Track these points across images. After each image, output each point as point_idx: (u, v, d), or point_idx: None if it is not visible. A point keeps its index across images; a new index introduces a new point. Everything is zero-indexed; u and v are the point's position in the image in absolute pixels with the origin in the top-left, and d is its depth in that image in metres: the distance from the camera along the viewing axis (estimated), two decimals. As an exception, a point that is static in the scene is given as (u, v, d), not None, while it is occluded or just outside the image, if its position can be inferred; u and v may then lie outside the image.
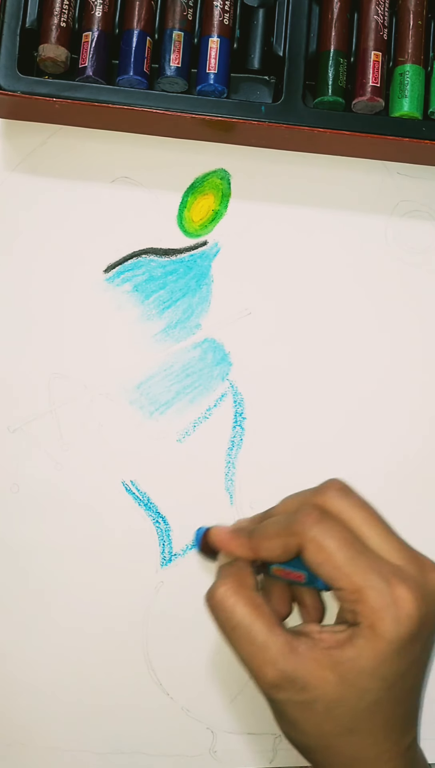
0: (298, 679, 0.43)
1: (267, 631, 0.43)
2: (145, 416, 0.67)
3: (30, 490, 0.66)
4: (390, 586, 0.43)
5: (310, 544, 0.43)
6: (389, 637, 0.42)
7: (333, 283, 0.69)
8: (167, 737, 0.66)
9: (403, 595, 0.42)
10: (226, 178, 0.69)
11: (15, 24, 0.65)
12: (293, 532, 0.44)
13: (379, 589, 0.42)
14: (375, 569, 0.43)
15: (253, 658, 0.44)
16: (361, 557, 0.43)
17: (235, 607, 0.44)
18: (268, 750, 0.67)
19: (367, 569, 0.43)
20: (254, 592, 0.45)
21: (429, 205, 0.70)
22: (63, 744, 0.66)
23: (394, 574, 0.43)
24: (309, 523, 0.44)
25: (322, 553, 0.43)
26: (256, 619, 0.44)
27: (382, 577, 0.43)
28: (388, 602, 0.42)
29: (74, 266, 0.68)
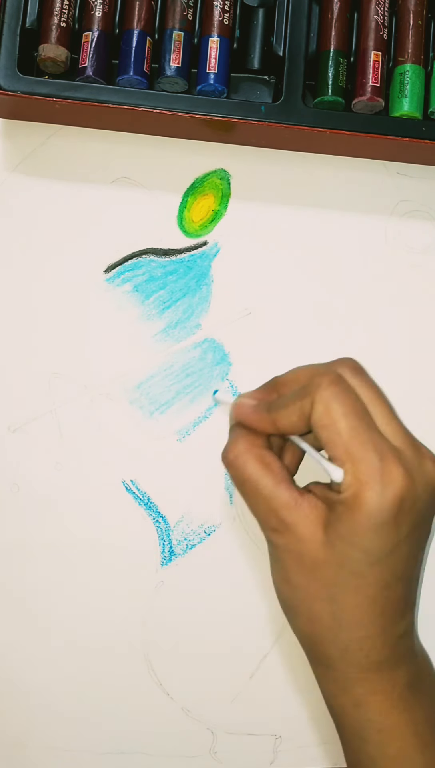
0: (294, 529, 0.45)
1: (274, 486, 0.46)
2: (145, 416, 0.67)
3: (30, 490, 0.66)
4: (383, 462, 0.43)
5: (319, 405, 0.44)
6: (369, 509, 0.43)
7: (333, 283, 0.69)
8: (167, 738, 0.66)
9: (394, 472, 0.43)
10: (226, 179, 0.69)
11: (15, 24, 0.65)
12: (308, 393, 0.45)
13: (371, 463, 0.43)
14: (373, 443, 0.44)
15: (259, 507, 0.46)
16: (363, 429, 0.44)
17: (246, 464, 0.46)
18: (269, 751, 0.67)
19: (365, 441, 0.44)
20: (264, 450, 0.47)
21: (428, 205, 0.70)
22: (63, 744, 0.66)
23: (390, 452, 0.44)
24: (324, 383, 0.44)
25: (328, 415, 0.44)
26: (264, 475, 0.46)
27: (377, 452, 0.44)
28: (376, 476, 0.43)
29: (74, 266, 0.68)
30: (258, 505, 0.46)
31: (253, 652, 0.66)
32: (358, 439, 0.44)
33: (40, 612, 0.66)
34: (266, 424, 0.47)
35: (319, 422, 0.44)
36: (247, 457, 0.46)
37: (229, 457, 0.47)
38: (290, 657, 0.67)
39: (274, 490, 0.45)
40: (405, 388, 0.69)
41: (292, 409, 0.45)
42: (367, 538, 0.43)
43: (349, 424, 0.44)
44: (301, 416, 0.45)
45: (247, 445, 0.47)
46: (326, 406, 0.44)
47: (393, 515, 0.43)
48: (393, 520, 0.43)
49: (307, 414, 0.45)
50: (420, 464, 0.45)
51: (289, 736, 0.67)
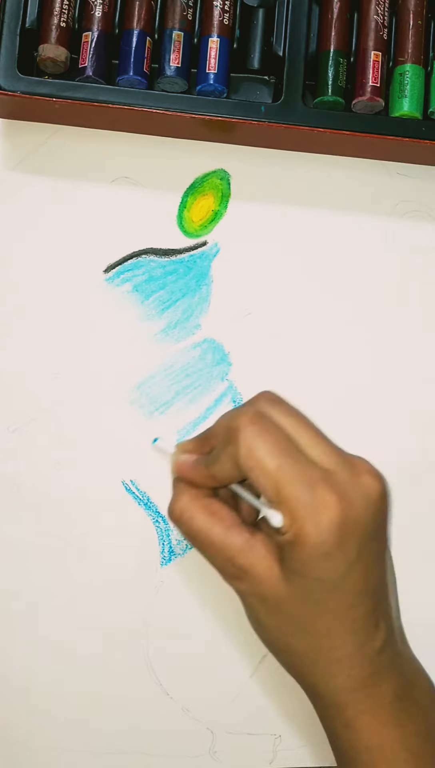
0: (253, 573, 0.45)
1: (224, 533, 0.45)
2: (145, 416, 0.67)
3: (30, 490, 0.66)
4: (314, 493, 0.43)
5: (242, 447, 0.44)
6: (311, 542, 0.43)
7: (332, 283, 0.69)
8: (167, 737, 0.66)
9: (327, 500, 0.43)
10: (225, 179, 0.69)
11: (15, 24, 0.65)
12: (231, 439, 0.44)
13: (302, 497, 0.43)
14: (301, 476, 0.43)
15: (215, 557, 0.46)
16: (289, 464, 0.43)
17: (193, 518, 0.46)
18: (268, 751, 0.67)
19: (293, 477, 0.43)
20: (209, 499, 0.47)
21: (428, 206, 0.70)
22: (63, 744, 0.66)
23: (321, 479, 0.43)
24: (243, 424, 0.44)
25: (251, 456, 0.44)
26: (213, 524, 0.46)
27: (307, 484, 0.43)
28: (309, 510, 0.43)
29: (74, 266, 0.68)
30: (213, 556, 0.46)
31: (252, 651, 0.66)
32: (286, 475, 0.43)
33: (40, 612, 0.66)
34: (206, 478, 0.46)
35: (245, 465, 0.44)
36: (193, 511, 0.46)
37: (175, 513, 0.47)
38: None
39: (226, 537, 0.45)
40: (405, 388, 0.69)
41: (223, 458, 0.45)
42: (317, 569, 0.43)
43: (274, 462, 0.43)
44: (233, 464, 0.44)
45: (190, 498, 0.46)
46: (248, 448, 0.43)
47: (336, 542, 0.43)
48: (338, 546, 0.43)
49: (236, 460, 0.44)
50: (355, 482, 0.44)
51: (289, 736, 0.67)
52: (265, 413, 0.45)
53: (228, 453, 0.44)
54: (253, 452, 0.43)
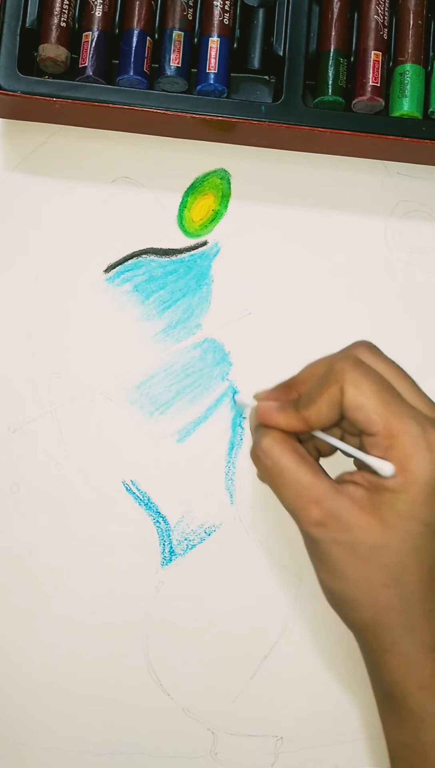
0: (342, 518, 0.44)
1: (312, 475, 0.44)
2: (146, 416, 0.67)
3: (30, 490, 0.66)
4: (425, 431, 0.43)
5: (349, 387, 0.44)
6: (423, 479, 0.43)
7: (332, 283, 0.69)
8: (168, 738, 0.66)
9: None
10: (226, 178, 0.69)
11: (15, 24, 0.65)
12: (334, 381, 0.44)
13: (414, 434, 0.43)
14: (410, 415, 0.43)
15: (298, 498, 0.44)
16: (396, 403, 0.44)
17: (281, 455, 0.45)
18: (270, 753, 0.66)
19: (402, 414, 0.43)
20: (298, 443, 0.46)
21: (428, 206, 0.70)
22: (63, 744, 0.65)
23: (428, 421, 0.44)
24: (348, 367, 0.44)
25: (360, 395, 0.43)
26: (301, 465, 0.45)
27: (416, 422, 0.43)
28: (422, 446, 0.43)
29: (74, 266, 0.68)
30: (297, 497, 0.44)
31: (253, 652, 0.66)
32: (395, 412, 0.43)
33: (40, 612, 0.66)
34: (296, 421, 0.46)
35: (353, 404, 0.44)
36: (282, 448, 0.45)
37: (262, 448, 0.45)
38: (291, 658, 0.66)
39: (314, 479, 0.44)
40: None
41: (322, 400, 0.44)
42: (424, 509, 0.43)
43: (383, 399, 0.43)
44: (332, 405, 0.44)
45: (279, 437, 0.45)
46: (357, 388, 0.43)
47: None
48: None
49: (337, 402, 0.44)
50: None
51: (290, 738, 0.67)
52: (368, 360, 0.45)
53: (329, 395, 0.44)
54: (363, 391, 0.43)
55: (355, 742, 0.67)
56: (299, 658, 0.67)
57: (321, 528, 0.44)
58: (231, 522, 0.67)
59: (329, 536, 0.44)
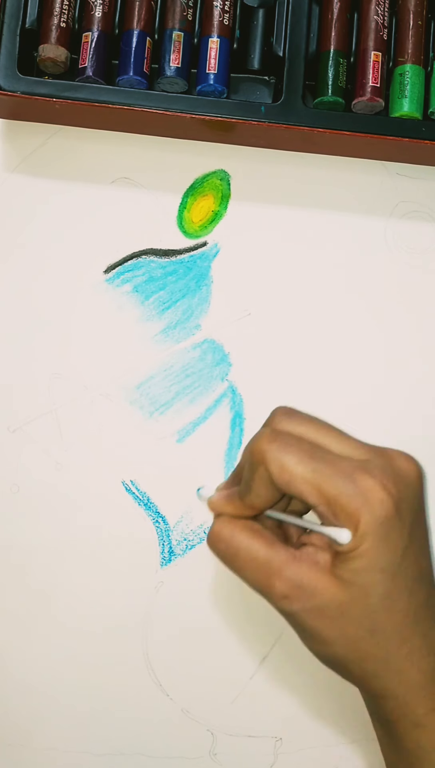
0: (305, 586, 0.44)
1: (267, 548, 0.45)
2: (145, 416, 0.67)
3: (30, 490, 0.66)
4: (356, 483, 0.43)
5: (271, 466, 0.43)
6: (370, 530, 0.42)
7: (332, 283, 0.69)
8: (167, 739, 0.66)
9: (370, 485, 0.43)
10: (225, 179, 0.69)
11: (15, 24, 0.65)
12: (258, 462, 0.44)
13: (347, 492, 0.43)
14: (340, 472, 0.43)
15: (259, 575, 0.45)
16: (322, 464, 0.43)
17: (233, 536, 0.45)
18: (269, 753, 0.66)
19: (332, 475, 0.43)
20: (250, 521, 0.46)
21: (428, 206, 0.70)
22: (62, 745, 0.65)
23: (359, 468, 0.43)
24: (265, 446, 0.44)
25: (284, 471, 0.43)
26: (254, 540, 0.45)
27: (347, 477, 0.43)
28: (359, 501, 0.42)
29: (74, 267, 0.68)
30: (257, 574, 0.45)
31: (253, 652, 0.66)
32: (323, 475, 0.43)
33: (39, 612, 0.66)
34: (244, 509, 0.46)
35: (280, 481, 0.43)
36: (233, 530, 0.45)
37: (214, 535, 0.46)
38: (290, 658, 0.66)
39: (270, 551, 0.44)
40: (406, 388, 0.69)
41: (256, 484, 0.44)
42: (379, 557, 0.43)
43: (308, 468, 0.43)
44: (267, 486, 0.44)
45: (229, 520, 0.46)
46: (278, 464, 0.43)
47: (390, 523, 0.43)
48: (392, 528, 0.43)
49: (270, 482, 0.44)
50: (391, 466, 0.44)
51: (290, 739, 0.67)
52: (284, 428, 0.45)
53: (259, 477, 0.44)
54: (285, 466, 0.43)
55: (355, 743, 0.67)
56: (299, 658, 0.67)
57: (287, 600, 0.44)
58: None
59: (297, 606, 0.44)
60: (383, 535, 0.43)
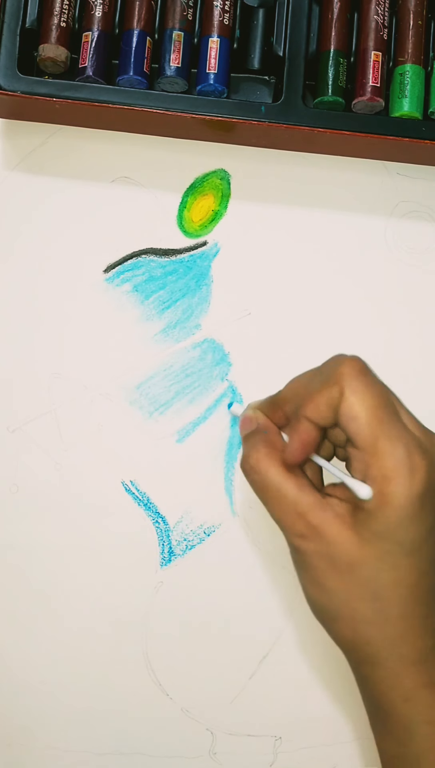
0: (324, 532, 0.45)
1: (297, 490, 0.45)
2: (145, 416, 0.67)
3: (29, 491, 0.66)
4: (410, 455, 0.44)
5: (350, 394, 0.44)
6: (399, 502, 0.43)
7: (332, 283, 0.69)
8: (167, 738, 0.66)
9: (420, 464, 0.44)
10: (225, 179, 0.69)
11: (15, 24, 0.65)
12: (335, 382, 0.45)
13: (398, 458, 0.44)
14: (400, 438, 0.44)
15: (284, 512, 0.46)
16: (391, 422, 0.44)
17: (268, 471, 0.46)
18: (269, 752, 0.66)
19: (392, 436, 0.44)
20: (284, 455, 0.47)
21: (428, 206, 0.70)
22: (62, 744, 0.65)
23: (416, 444, 0.44)
24: (353, 373, 0.45)
25: (358, 405, 0.44)
26: (287, 480, 0.46)
27: (405, 446, 0.44)
28: (404, 471, 0.43)
29: (74, 266, 0.68)
30: (282, 510, 0.46)
31: (252, 652, 0.66)
32: (386, 432, 0.44)
33: (39, 612, 0.66)
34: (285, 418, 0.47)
35: (349, 413, 0.44)
36: (269, 462, 0.46)
37: (250, 462, 0.47)
38: (290, 657, 0.66)
39: (299, 493, 0.45)
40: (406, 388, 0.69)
41: (320, 398, 0.45)
42: (401, 530, 0.44)
43: (379, 416, 0.44)
44: (329, 406, 0.45)
45: (267, 451, 0.47)
46: (357, 396, 0.44)
47: (422, 504, 0.44)
48: (422, 509, 0.44)
49: (335, 404, 0.45)
50: None
51: (289, 738, 0.67)
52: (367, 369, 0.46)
53: (327, 395, 0.45)
54: (362, 401, 0.44)
55: (354, 742, 0.67)
56: (298, 658, 0.67)
57: (304, 540, 0.45)
58: (230, 522, 0.67)
59: (311, 548, 0.45)
60: (411, 512, 0.44)
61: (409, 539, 0.44)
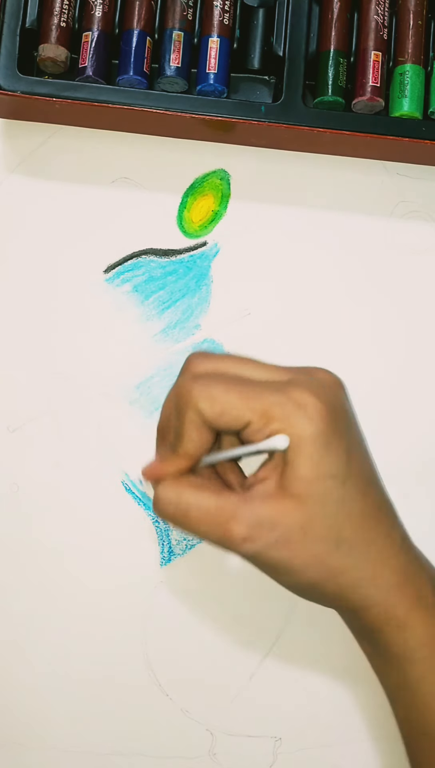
0: (263, 521, 0.43)
1: (217, 497, 0.44)
2: (145, 416, 0.67)
3: (29, 490, 0.66)
4: (288, 395, 0.43)
5: (201, 403, 0.44)
6: (308, 433, 0.43)
7: (332, 283, 0.69)
8: (166, 739, 0.66)
9: (302, 396, 0.43)
10: (225, 179, 0.69)
11: (15, 24, 0.65)
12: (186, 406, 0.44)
13: (279, 401, 0.43)
14: (266, 389, 0.44)
15: (215, 526, 0.44)
16: (249, 387, 0.44)
17: (179, 495, 0.45)
18: (269, 753, 0.66)
19: (259, 394, 0.43)
20: (192, 478, 0.46)
21: (428, 206, 0.70)
22: (61, 745, 0.65)
23: (286, 383, 0.44)
24: (189, 386, 0.44)
25: (215, 403, 0.43)
26: (202, 493, 0.44)
27: (275, 390, 0.44)
28: (291, 407, 0.43)
29: (74, 267, 0.68)
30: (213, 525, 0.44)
31: (252, 652, 0.66)
32: (252, 395, 0.43)
33: (39, 611, 0.66)
34: (181, 461, 0.45)
35: (213, 415, 0.44)
36: (178, 489, 0.45)
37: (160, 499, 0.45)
38: (290, 658, 0.66)
39: (219, 499, 0.44)
40: (405, 388, 0.69)
41: (188, 429, 0.44)
42: (326, 462, 0.43)
43: (236, 392, 0.43)
44: (199, 428, 0.44)
45: (171, 482, 0.45)
46: (208, 399, 0.44)
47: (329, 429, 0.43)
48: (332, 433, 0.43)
49: (201, 423, 0.44)
50: (314, 378, 0.45)
51: (289, 739, 0.67)
52: (203, 369, 0.45)
53: (189, 420, 0.44)
54: (215, 398, 0.43)
55: (354, 743, 0.67)
56: (298, 658, 0.67)
57: (250, 541, 0.44)
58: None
59: (260, 544, 0.44)
60: (324, 440, 0.43)
61: (337, 467, 0.44)
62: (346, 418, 0.45)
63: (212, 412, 0.44)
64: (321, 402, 0.43)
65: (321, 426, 0.43)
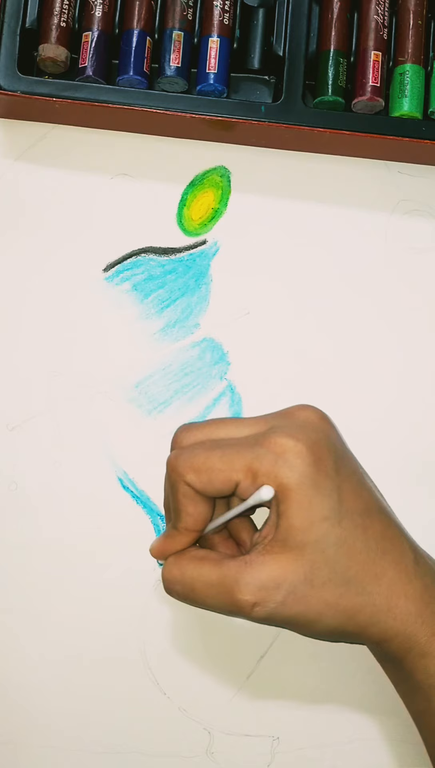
0: (265, 583, 0.43)
1: (217, 568, 0.44)
2: (144, 415, 0.67)
3: (28, 488, 0.66)
4: (266, 446, 0.43)
5: (187, 475, 0.44)
6: (293, 480, 0.42)
7: (332, 282, 0.69)
8: (164, 737, 0.66)
9: (280, 442, 0.42)
10: (226, 176, 0.69)
11: (15, 24, 0.65)
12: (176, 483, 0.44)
13: (259, 455, 0.42)
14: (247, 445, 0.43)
15: (221, 598, 0.44)
16: (230, 448, 0.43)
17: (183, 572, 0.45)
18: (266, 753, 0.66)
19: (240, 450, 0.43)
20: (192, 550, 0.46)
21: (429, 205, 0.70)
22: (59, 743, 0.65)
23: (263, 434, 0.43)
24: (173, 462, 0.44)
25: (200, 473, 0.43)
26: (203, 566, 0.44)
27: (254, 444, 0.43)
28: (272, 458, 0.42)
29: (73, 265, 0.68)
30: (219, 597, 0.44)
31: (250, 651, 0.66)
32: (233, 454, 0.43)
33: (38, 611, 0.66)
34: (183, 537, 0.45)
35: (201, 485, 0.43)
36: (181, 565, 0.45)
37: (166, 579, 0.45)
38: (288, 657, 0.66)
39: (220, 570, 0.43)
40: (404, 388, 0.69)
41: (183, 504, 0.44)
42: (316, 505, 0.43)
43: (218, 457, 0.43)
44: (193, 500, 0.44)
45: (174, 560, 0.45)
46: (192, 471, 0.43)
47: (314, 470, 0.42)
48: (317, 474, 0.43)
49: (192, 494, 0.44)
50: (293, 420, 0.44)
51: (287, 738, 0.66)
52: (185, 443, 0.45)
53: (182, 495, 0.44)
54: (198, 468, 0.43)
55: (352, 743, 0.67)
56: (296, 658, 0.67)
57: (259, 607, 0.43)
58: (228, 521, 0.67)
59: (270, 607, 0.43)
60: (311, 483, 0.42)
61: (329, 507, 0.43)
62: (333, 453, 0.44)
63: (200, 482, 0.43)
64: (301, 444, 0.43)
65: (304, 469, 0.42)
